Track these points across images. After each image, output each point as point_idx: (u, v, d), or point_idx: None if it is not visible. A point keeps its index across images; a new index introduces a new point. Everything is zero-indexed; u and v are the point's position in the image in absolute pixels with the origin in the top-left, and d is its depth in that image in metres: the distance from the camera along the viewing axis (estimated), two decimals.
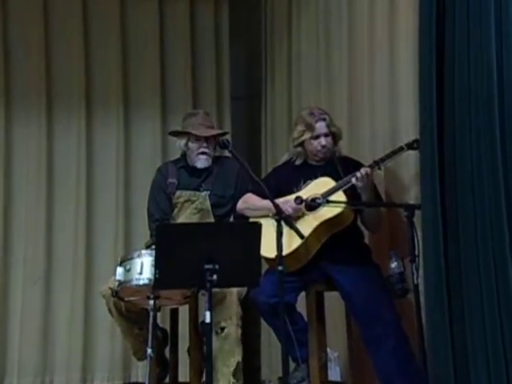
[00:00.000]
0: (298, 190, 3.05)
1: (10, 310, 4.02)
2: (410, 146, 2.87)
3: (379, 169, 2.95)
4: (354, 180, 2.89)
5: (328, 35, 3.70)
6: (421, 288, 2.63)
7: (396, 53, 3.10)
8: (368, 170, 2.90)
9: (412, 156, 2.90)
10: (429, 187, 2.51)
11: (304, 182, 3.07)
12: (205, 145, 3.39)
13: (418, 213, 2.70)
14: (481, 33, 2.33)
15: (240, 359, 3.13)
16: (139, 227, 3.99)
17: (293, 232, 2.76)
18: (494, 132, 2.29)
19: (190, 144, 3.41)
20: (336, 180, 2.98)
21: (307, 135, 3.08)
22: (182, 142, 3.45)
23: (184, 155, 3.50)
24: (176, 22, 4.38)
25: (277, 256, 2.68)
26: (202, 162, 3.41)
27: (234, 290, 3.14)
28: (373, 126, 3.27)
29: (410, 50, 2.89)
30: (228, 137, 3.71)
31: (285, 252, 2.72)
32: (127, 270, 2.86)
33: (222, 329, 3.12)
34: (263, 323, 3.44)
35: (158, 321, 3.17)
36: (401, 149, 2.90)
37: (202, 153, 3.39)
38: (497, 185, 2.28)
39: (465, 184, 2.40)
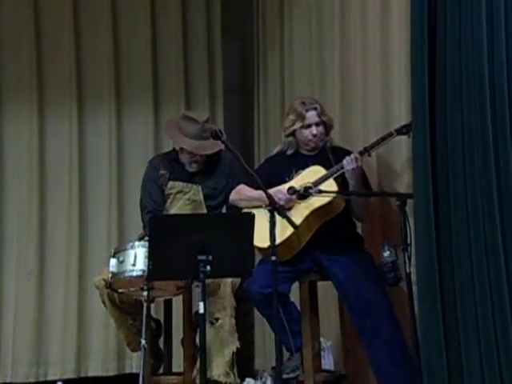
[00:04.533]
0: (290, 179, 3.06)
1: (4, 302, 4.02)
2: (399, 132, 2.88)
3: (369, 155, 2.97)
4: (344, 162, 2.91)
5: (320, 27, 3.70)
6: (413, 277, 2.64)
7: (388, 41, 3.10)
8: (357, 155, 2.92)
9: (404, 143, 2.91)
10: (421, 176, 2.51)
11: (296, 172, 3.08)
12: (197, 157, 3.37)
13: (410, 201, 2.71)
14: (472, 21, 2.34)
15: (235, 349, 3.14)
16: (132, 219, 3.99)
17: (284, 221, 2.77)
18: (485, 120, 2.30)
19: (182, 154, 3.39)
20: (327, 169, 2.99)
21: (298, 124, 3.09)
22: (175, 146, 3.44)
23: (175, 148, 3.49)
24: (168, 14, 4.37)
25: (269, 246, 2.69)
26: (193, 168, 3.40)
27: (228, 280, 3.15)
28: (365, 117, 3.27)
29: (402, 37, 2.90)
30: (221, 127, 3.70)
31: (277, 241, 2.72)
32: (120, 262, 2.87)
33: (216, 319, 3.13)
34: (257, 313, 3.45)
35: (152, 312, 3.18)
36: (390, 134, 2.91)
37: (195, 161, 3.38)
38: (488, 173, 2.29)
39: (456, 173, 2.41)
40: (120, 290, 2.96)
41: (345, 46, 3.44)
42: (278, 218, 2.75)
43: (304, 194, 2.93)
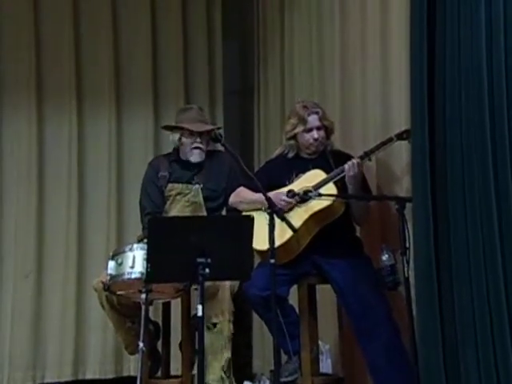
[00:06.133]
0: (290, 182, 3.06)
1: (2, 305, 4.01)
2: (399, 137, 2.90)
3: (369, 160, 2.98)
4: (345, 167, 2.91)
5: (321, 29, 3.71)
6: (412, 280, 2.64)
7: (388, 46, 3.10)
8: (358, 160, 2.92)
9: (404, 147, 2.91)
10: (420, 180, 2.51)
11: (296, 175, 3.08)
12: (198, 140, 3.40)
13: (409, 205, 2.71)
14: (472, 24, 2.34)
15: (230, 355, 3.13)
16: (131, 221, 3.99)
17: (283, 224, 2.77)
18: (484, 124, 2.30)
19: (183, 139, 3.42)
20: (327, 173, 3.00)
21: (300, 128, 3.09)
22: (175, 137, 3.46)
23: (176, 149, 3.51)
24: (168, 16, 4.37)
25: (268, 249, 2.69)
26: (195, 157, 3.41)
27: (227, 284, 3.14)
28: (365, 120, 3.28)
29: (401, 42, 2.90)
30: (221, 131, 3.71)
31: (276, 244, 2.72)
32: (119, 264, 2.86)
33: (214, 324, 3.13)
34: (255, 316, 3.45)
35: (150, 314, 3.17)
36: (390, 139, 2.92)
37: (196, 147, 3.40)
38: (486, 178, 2.29)
39: (455, 177, 2.41)
40: (118, 293, 2.95)
41: (345, 49, 3.45)
42: (277, 221, 2.74)
43: (304, 197, 2.93)
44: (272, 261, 2.66)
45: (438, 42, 2.48)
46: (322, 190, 2.93)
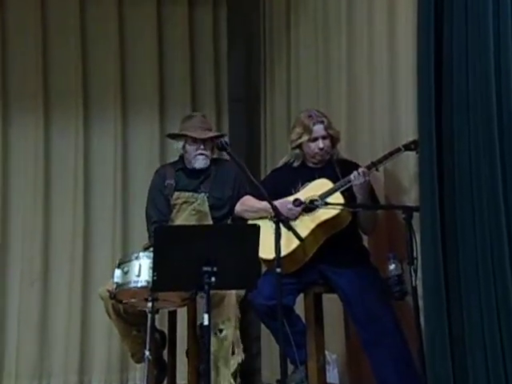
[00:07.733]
0: (296, 191, 3.06)
1: (8, 312, 4.03)
2: (407, 147, 2.88)
3: (377, 170, 2.96)
4: (352, 177, 2.91)
5: (327, 36, 3.70)
6: (419, 290, 2.62)
7: (395, 55, 3.09)
8: (365, 169, 2.91)
9: (412, 157, 2.90)
10: (427, 189, 2.50)
11: (302, 184, 3.07)
12: (202, 147, 3.40)
13: (416, 215, 2.70)
14: (479, 35, 2.33)
15: (240, 361, 3.12)
16: (137, 229, 4.00)
17: (290, 233, 2.76)
18: (492, 134, 2.29)
19: (187, 146, 3.42)
20: (334, 182, 2.99)
21: (305, 138, 3.09)
22: (179, 145, 3.46)
23: (182, 157, 3.51)
24: (174, 24, 4.39)
25: (275, 258, 2.68)
26: (199, 163, 3.41)
27: (233, 291, 3.14)
28: (372, 129, 3.26)
29: (409, 52, 2.89)
30: (227, 139, 3.72)
31: (282, 253, 2.71)
32: (125, 273, 2.86)
33: (220, 331, 3.12)
34: (263, 325, 3.43)
35: (156, 323, 3.16)
36: (398, 150, 2.91)
37: (200, 154, 3.40)
38: (495, 187, 2.28)
39: (463, 186, 2.40)
40: (124, 301, 2.95)
41: (352, 57, 3.44)
42: (284, 230, 2.74)
43: (310, 206, 2.92)
44: (278, 270, 2.65)
45: (446, 51, 2.47)
46: (329, 200, 2.92)
